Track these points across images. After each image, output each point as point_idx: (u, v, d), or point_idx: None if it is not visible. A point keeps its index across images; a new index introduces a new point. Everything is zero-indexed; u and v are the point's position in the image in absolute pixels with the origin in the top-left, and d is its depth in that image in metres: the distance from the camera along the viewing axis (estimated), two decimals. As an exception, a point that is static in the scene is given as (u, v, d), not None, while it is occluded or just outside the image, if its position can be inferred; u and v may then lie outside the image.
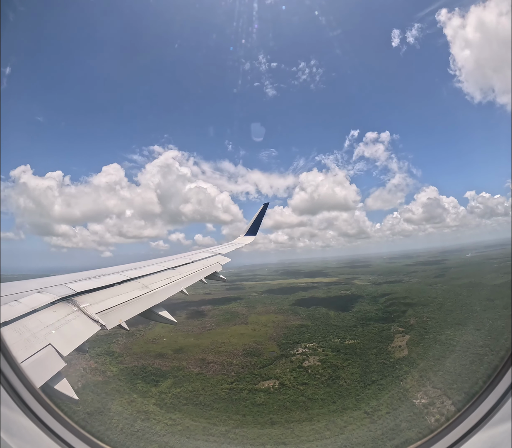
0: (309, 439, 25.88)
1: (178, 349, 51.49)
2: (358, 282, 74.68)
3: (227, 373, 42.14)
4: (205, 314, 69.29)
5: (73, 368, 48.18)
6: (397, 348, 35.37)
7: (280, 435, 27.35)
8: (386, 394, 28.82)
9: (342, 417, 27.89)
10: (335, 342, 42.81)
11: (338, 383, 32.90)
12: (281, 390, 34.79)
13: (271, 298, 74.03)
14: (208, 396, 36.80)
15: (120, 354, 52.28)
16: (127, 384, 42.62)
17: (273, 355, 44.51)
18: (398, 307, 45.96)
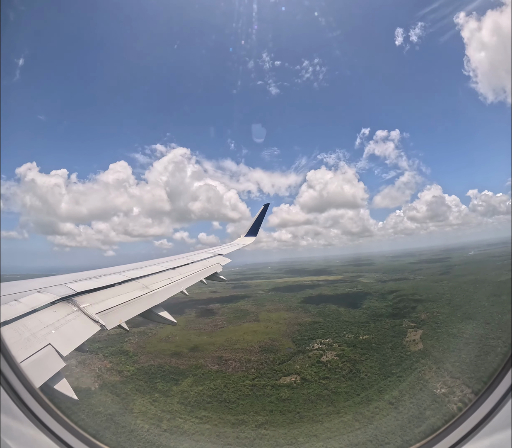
0: (340, 431, 27.19)
1: (194, 347, 51.97)
2: (364, 280, 77.08)
3: (247, 369, 43.08)
4: (215, 312, 69.90)
5: (87, 368, 48.06)
6: (412, 342, 37.31)
7: (310, 428, 28.52)
8: (407, 385, 30.54)
9: (367, 408, 29.37)
10: (350, 337, 44.43)
11: (359, 376, 34.44)
12: (304, 385, 36.03)
13: (278, 296, 75.36)
14: (231, 393, 37.60)
15: (135, 353, 52.24)
16: (146, 383, 42.74)
17: (290, 351, 45.76)
18: (407, 303, 48.19)
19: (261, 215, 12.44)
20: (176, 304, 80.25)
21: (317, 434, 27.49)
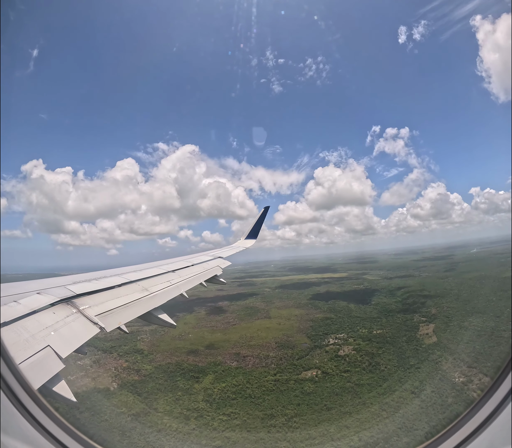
0: (369, 421, 28.68)
1: (209, 345, 52.47)
2: (369, 277, 79.37)
3: (266, 365, 44.09)
4: (225, 309, 70.48)
5: (103, 368, 47.78)
6: (425, 335, 39.39)
7: (340, 419, 29.87)
8: (426, 376, 32.45)
9: (391, 398, 31.07)
10: (364, 332, 46.20)
11: (379, 369, 36.14)
12: (326, 378, 37.41)
13: (286, 293, 76.68)
14: (255, 388, 38.49)
15: (150, 351, 52.14)
16: (167, 382, 42.81)
17: (306, 347, 47.11)
18: (416, 299, 50.48)
19: (261, 218, 12.28)
20: (184, 302, 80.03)
21: (347, 425, 28.87)
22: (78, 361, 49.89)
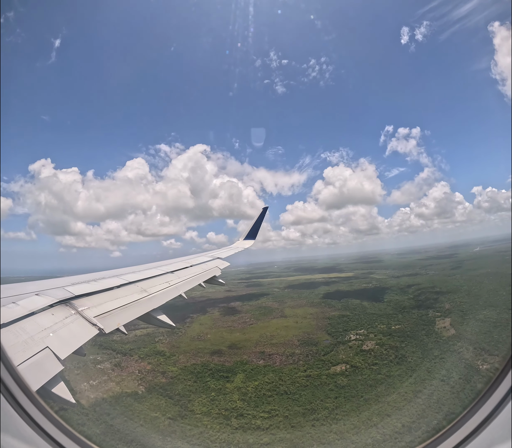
0: (408, 409, 30.87)
1: (231, 345, 52.94)
2: (376, 276, 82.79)
3: (294, 362, 45.41)
4: (238, 309, 70.97)
5: (125, 371, 46.95)
6: (443, 329, 42.61)
7: (379, 409, 31.76)
8: (452, 364, 35.36)
9: (423, 386, 33.60)
10: (383, 328, 48.90)
11: (406, 360, 38.71)
12: (356, 372, 39.41)
13: (296, 293, 78.49)
14: (289, 385, 39.61)
15: (172, 353, 51.84)
16: (196, 383, 42.68)
17: (329, 343, 49.07)
18: (428, 295, 54.00)
19: (260, 218, 12.31)
20: (195, 303, 79.83)
21: (388, 414, 30.93)
22: (98, 365, 48.69)
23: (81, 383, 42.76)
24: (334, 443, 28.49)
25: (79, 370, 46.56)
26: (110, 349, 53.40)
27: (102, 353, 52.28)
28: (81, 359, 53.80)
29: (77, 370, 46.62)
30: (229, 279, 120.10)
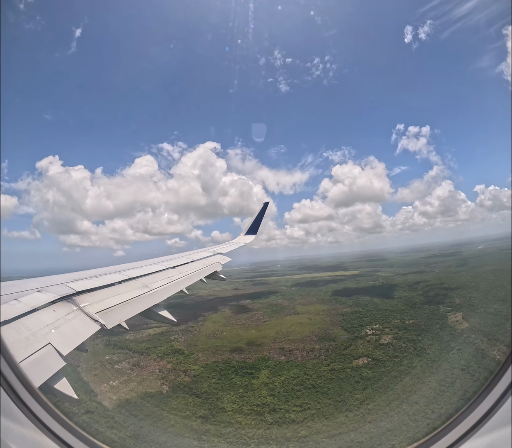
0: (434, 396, 33.14)
1: (249, 342, 53.70)
2: (382, 274, 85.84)
3: (316, 357, 46.91)
4: (249, 307, 71.65)
5: (145, 370, 46.71)
6: (456, 322, 45.63)
7: (407, 397, 33.67)
8: (469, 355, 38.15)
9: (446, 375, 36.10)
10: (397, 322, 51.47)
11: (425, 352, 41.20)
12: (379, 364, 41.46)
13: (305, 291, 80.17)
14: (315, 379, 40.98)
15: (190, 351, 51.96)
16: (221, 380, 42.92)
17: (346, 338, 51.10)
18: (437, 291, 57.17)
19: (261, 213, 12.45)
20: (204, 301, 79.79)
21: (416, 401, 33.07)
22: (116, 365, 48.04)
23: (101, 384, 42.13)
24: (370, 432, 30.18)
25: (97, 371, 45.75)
26: (125, 348, 52.68)
27: (118, 352, 51.51)
28: (98, 359, 53.14)
29: (94, 370, 45.79)
30: (234, 278, 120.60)
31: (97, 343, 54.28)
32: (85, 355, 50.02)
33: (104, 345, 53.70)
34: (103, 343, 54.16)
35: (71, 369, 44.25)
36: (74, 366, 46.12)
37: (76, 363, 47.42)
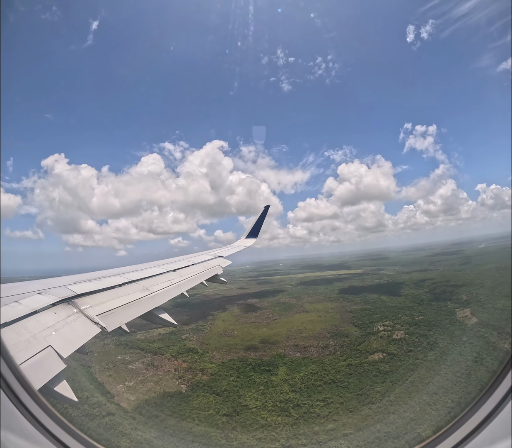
0: (451, 386, 35.13)
1: (263, 340, 54.36)
2: (386, 272, 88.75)
3: (331, 353, 48.17)
4: (257, 306, 72.31)
5: (160, 370, 46.58)
6: (465, 318, 48.19)
7: (426, 389, 35.26)
8: (481, 347, 40.53)
9: (460, 367, 38.28)
10: (407, 319, 53.67)
11: (438, 346, 43.36)
12: (394, 358, 43.25)
13: (311, 289, 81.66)
14: (334, 374, 42.18)
15: (204, 350, 52.10)
16: (240, 378, 43.17)
17: (359, 334, 52.81)
18: (443, 288, 59.84)
19: (262, 217, 12.56)
20: (211, 300, 79.77)
21: (435, 392, 34.95)
22: (129, 365, 47.58)
23: (117, 385, 41.69)
24: (395, 422, 31.69)
25: (111, 371, 45.16)
26: (137, 348, 52.16)
27: (129, 352, 50.95)
28: (110, 359, 52.64)
29: (108, 371, 45.18)
30: (237, 277, 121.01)
31: (107, 343, 53.45)
32: (97, 355, 49.52)
33: (114, 345, 52.95)
34: (113, 343, 53.37)
35: (84, 370, 43.52)
36: (86, 367, 45.37)
37: (88, 364, 46.64)
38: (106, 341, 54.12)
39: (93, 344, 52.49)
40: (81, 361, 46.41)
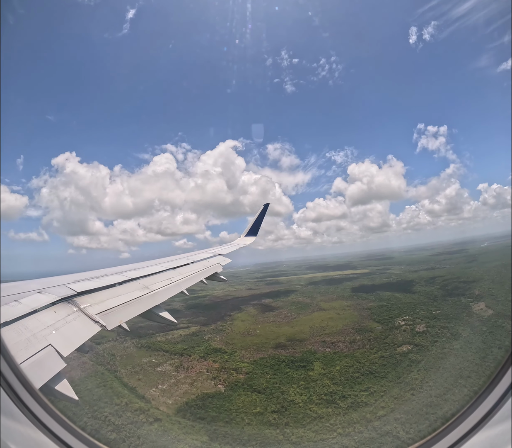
0: (482, 371, 39.50)
1: (289, 338, 55.90)
2: (394, 271, 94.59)
3: (361, 347, 50.93)
4: (273, 306, 73.66)
5: (191, 371, 46.42)
6: (481, 310, 53.63)
7: (460, 373, 39.58)
8: (501, 335, 45.71)
9: (486, 353, 42.91)
10: (425, 313, 58.35)
11: (462, 336, 48.10)
12: (422, 349, 47.06)
13: (322, 289, 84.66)
14: (369, 365, 44.77)
15: (232, 350, 52.53)
16: (277, 375, 44.16)
17: (382, 329, 56.43)
18: (455, 285, 65.68)
19: (261, 215, 12.96)
20: (223, 301, 79.70)
21: (469, 376, 39.00)
22: (157, 367, 46.77)
23: (149, 389, 41.04)
24: (440, 405, 35.03)
25: (139, 375, 44.16)
26: (161, 350, 51.29)
27: (154, 355, 50.03)
28: (135, 362, 52.71)
29: (136, 374, 44.15)
30: (244, 278, 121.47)
31: (128, 346, 51.99)
32: (120, 359, 47.97)
33: (136, 347, 51.64)
34: (134, 346, 52.00)
35: (112, 375, 42.26)
36: (112, 371, 44.08)
37: (113, 368, 45.30)
38: (126, 344, 52.60)
39: (113, 348, 50.87)
40: (105, 365, 44.96)
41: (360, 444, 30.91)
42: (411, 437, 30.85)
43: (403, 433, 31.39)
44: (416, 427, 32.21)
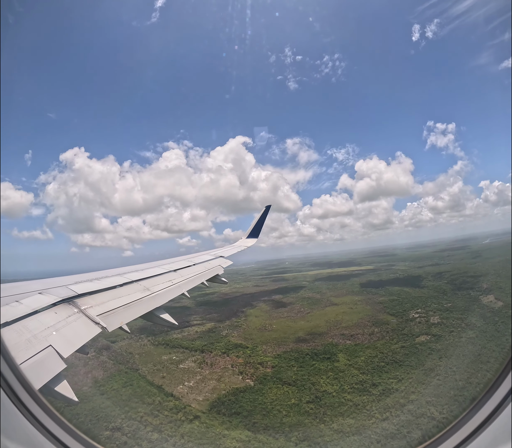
0: (501, 355, 43.10)
1: (307, 331, 57.65)
2: (399, 267, 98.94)
3: (380, 339, 53.45)
4: (284, 301, 75.06)
5: (216, 367, 46.97)
6: (491, 302, 57.90)
7: (479, 359, 42.99)
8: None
9: (501, 341, 46.71)
10: (437, 306, 62.16)
11: (476, 326, 51.91)
12: (440, 339, 50.38)
13: (330, 285, 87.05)
14: (392, 355, 47.18)
15: (253, 344, 53.42)
16: (303, 367, 45.54)
17: (397, 321, 59.46)
18: (463, 279, 70.14)
19: (263, 217, 13.22)
20: (233, 298, 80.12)
21: (488, 360, 42.44)
22: (180, 365, 46.82)
23: (176, 386, 41.16)
24: (466, 387, 38.01)
25: (163, 372, 44.05)
26: (180, 347, 51.20)
27: (173, 352, 49.93)
28: (156, 360, 53.75)
29: (159, 372, 44.02)
30: (248, 275, 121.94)
31: (145, 344, 51.46)
32: (139, 357, 47.46)
33: (153, 345, 51.22)
34: (150, 344, 51.59)
35: (136, 374, 41.99)
36: (133, 369, 43.74)
37: (134, 366, 44.94)
38: (142, 342, 52.06)
39: (129, 346, 50.17)
40: (126, 364, 44.53)
41: (399, 426, 33.01)
42: (444, 416, 33.37)
43: (437, 414, 33.89)
44: (448, 408, 34.84)
